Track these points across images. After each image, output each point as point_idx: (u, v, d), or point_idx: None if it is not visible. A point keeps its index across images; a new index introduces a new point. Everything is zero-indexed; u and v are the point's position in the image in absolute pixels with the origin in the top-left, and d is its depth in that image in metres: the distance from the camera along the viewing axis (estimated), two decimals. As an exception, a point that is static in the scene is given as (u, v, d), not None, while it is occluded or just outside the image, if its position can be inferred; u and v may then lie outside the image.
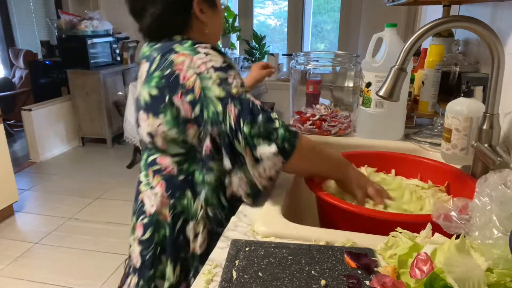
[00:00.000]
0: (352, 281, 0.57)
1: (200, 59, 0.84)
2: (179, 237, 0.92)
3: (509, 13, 1.08)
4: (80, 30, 3.90)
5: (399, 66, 0.79)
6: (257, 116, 0.80)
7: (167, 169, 0.92)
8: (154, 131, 0.89)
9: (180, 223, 0.92)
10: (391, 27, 1.13)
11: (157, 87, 0.86)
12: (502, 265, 0.51)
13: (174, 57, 0.85)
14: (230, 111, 0.80)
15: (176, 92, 0.83)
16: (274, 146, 0.78)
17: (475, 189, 0.61)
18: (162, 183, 0.92)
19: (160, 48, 0.90)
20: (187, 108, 0.83)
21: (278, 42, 4.54)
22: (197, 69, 0.83)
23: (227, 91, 0.82)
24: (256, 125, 0.79)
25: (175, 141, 0.88)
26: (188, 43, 0.88)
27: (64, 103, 4.04)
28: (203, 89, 0.82)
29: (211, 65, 0.84)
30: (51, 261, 2.32)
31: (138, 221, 0.96)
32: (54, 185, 3.33)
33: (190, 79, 0.83)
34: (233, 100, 0.81)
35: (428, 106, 1.32)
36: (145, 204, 0.95)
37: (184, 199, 0.91)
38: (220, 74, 0.83)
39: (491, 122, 0.84)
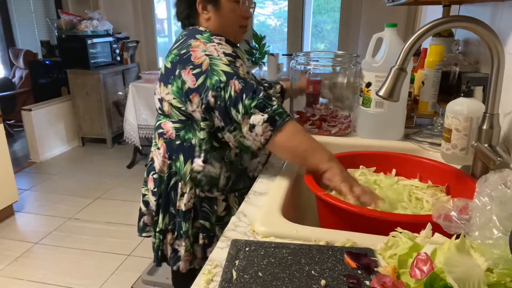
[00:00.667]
0: (352, 281, 0.57)
1: (213, 45, 1.02)
2: (170, 193, 1.13)
3: (509, 13, 1.08)
4: (80, 30, 3.90)
5: (399, 66, 0.79)
6: (259, 93, 0.95)
7: (168, 133, 1.10)
8: (163, 97, 1.08)
9: (173, 182, 1.12)
10: (391, 27, 1.13)
11: (172, 61, 1.05)
12: (502, 265, 0.51)
13: (192, 41, 1.04)
14: (233, 84, 0.95)
15: (185, 68, 1.00)
16: (266, 115, 0.93)
17: (475, 189, 0.61)
18: (164, 145, 1.11)
19: (187, 34, 1.09)
20: (192, 79, 0.99)
21: (278, 42, 4.53)
22: (208, 52, 1.00)
23: (235, 70, 0.97)
24: (256, 99, 0.94)
25: (178, 109, 1.05)
26: (207, 33, 1.07)
27: (64, 103, 4.04)
28: (211, 64, 0.98)
29: (222, 51, 1.01)
30: (51, 261, 2.32)
31: (149, 176, 1.18)
32: (54, 185, 3.32)
33: (200, 58, 0.99)
34: (238, 78, 0.96)
35: (428, 106, 1.32)
36: (154, 162, 1.16)
37: (177, 161, 1.10)
38: (229, 58, 1.00)
39: (491, 122, 0.84)
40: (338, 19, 3.92)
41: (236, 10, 1.10)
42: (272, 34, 4.56)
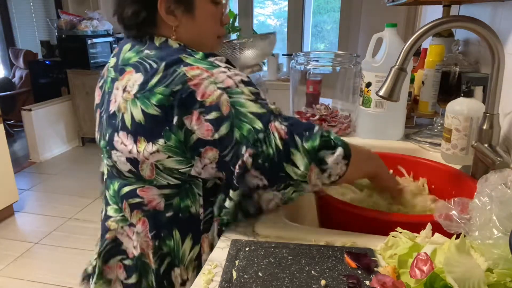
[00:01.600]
0: (352, 281, 0.57)
1: (223, 72, 0.71)
2: (163, 283, 0.80)
3: (509, 13, 1.08)
4: (80, 30, 3.90)
5: (399, 66, 0.79)
6: (313, 127, 0.70)
7: (152, 203, 0.77)
8: (143, 158, 0.73)
9: (164, 267, 0.80)
10: (391, 27, 1.13)
11: (161, 105, 0.69)
12: (502, 265, 0.51)
13: (185, 69, 0.70)
14: (275, 128, 0.68)
15: (189, 112, 0.68)
16: (340, 149, 0.69)
17: (474, 190, 0.61)
18: (145, 221, 0.78)
19: (158, 55, 0.74)
20: (207, 128, 0.68)
21: (278, 42, 4.53)
22: (221, 83, 0.69)
23: (266, 108, 0.70)
24: (317, 135, 0.68)
25: (170, 170, 0.74)
26: (199, 54, 0.74)
27: (64, 103, 4.04)
28: (234, 104, 0.68)
29: (240, 79, 0.71)
30: (51, 261, 2.32)
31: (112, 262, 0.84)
32: (54, 185, 3.33)
33: (212, 95, 0.68)
34: (276, 117, 0.69)
35: (428, 106, 1.32)
36: (123, 243, 0.83)
37: (170, 239, 0.78)
38: (252, 89, 0.71)
39: (491, 122, 0.84)
40: (338, 19, 3.93)
41: (216, 15, 0.81)
42: (272, 34, 4.55)
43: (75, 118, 4.10)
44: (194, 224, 0.78)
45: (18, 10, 5.05)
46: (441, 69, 1.29)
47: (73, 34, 3.91)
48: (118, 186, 0.81)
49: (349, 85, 1.38)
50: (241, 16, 4.20)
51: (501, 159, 0.80)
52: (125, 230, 0.82)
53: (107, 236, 0.84)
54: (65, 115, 4.05)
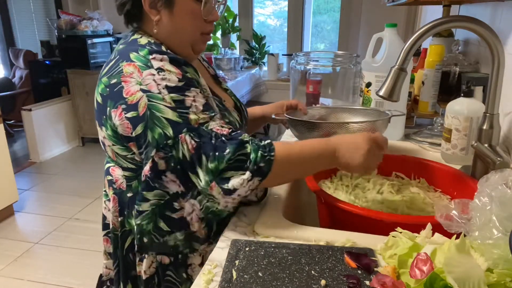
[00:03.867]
0: (352, 281, 0.57)
1: (151, 75, 0.73)
2: (128, 256, 0.87)
3: (509, 13, 1.08)
4: (80, 30, 3.90)
5: (399, 66, 0.79)
6: (224, 149, 0.70)
7: (118, 182, 0.84)
8: (102, 141, 0.82)
9: (128, 242, 0.86)
10: (391, 27, 1.13)
11: (102, 94, 0.78)
12: (502, 265, 0.51)
13: (124, 66, 0.76)
14: (185, 141, 0.71)
15: (116, 106, 0.74)
16: (248, 173, 0.70)
17: (475, 190, 0.61)
18: (115, 198, 0.85)
19: (120, 51, 0.81)
20: (126, 125, 0.74)
21: (278, 42, 4.53)
22: (145, 86, 0.72)
23: (184, 118, 0.71)
24: (225, 160, 0.69)
25: (123, 156, 0.80)
26: (144, 50, 0.76)
27: (64, 103, 4.04)
28: (150, 108, 0.72)
29: (165, 84, 0.73)
30: (51, 261, 2.32)
31: (102, 235, 0.91)
32: (54, 185, 3.33)
33: (134, 94, 0.73)
34: (190, 130, 0.71)
35: (428, 106, 1.32)
36: (107, 217, 0.89)
37: (131, 218, 0.83)
38: (175, 96, 0.72)
39: (491, 122, 0.84)
40: (338, 19, 3.93)
41: (196, 11, 0.80)
42: (272, 34, 4.56)
43: (75, 118, 4.10)
44: None
45: (18, 10, 5.05)
46: (441, 69, 1.30)
47: (73, 34, 3.90)
48: (105, 162, 0.89)
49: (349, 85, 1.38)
50: (241, 16, 4.20)
51: (501, 159, 0.80)
52: (106, 204, 0.89)
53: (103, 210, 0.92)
54: (65, 115, 4.05)
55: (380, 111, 1.02)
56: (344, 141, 0.78)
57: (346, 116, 1.10)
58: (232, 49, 4.02)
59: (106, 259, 0.93)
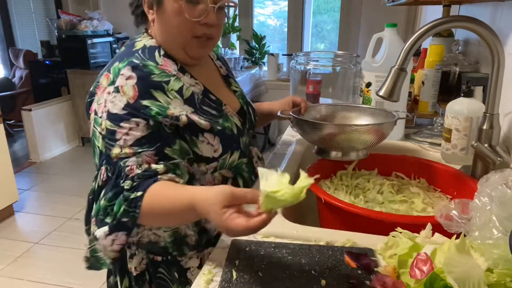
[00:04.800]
0: (352, 281, 0.57)
1: (107, 93, 0.75)
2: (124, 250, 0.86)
3: (509, 13, 1.08)
4: (80, 30, 3.90)
5: (399, 66, 0.79)
6: (108, 192, 0.71)
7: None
8: None
9: None
10: (391, 27, 1.13)
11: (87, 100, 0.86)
12: (502, 265, 0.51)
13: (104, 75, 0.79)
14: (101, 172, 0.74)
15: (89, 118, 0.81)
16: (107, 228, 0.70)
17: (475, 190, 0.61)
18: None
19: (118, 53, 0.84)
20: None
21: (278, 42, 4.53)
22: (97, 105, 0.76)
23: (108, 149, 0.73)
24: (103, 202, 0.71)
25: None
26: (124, 62, 0.77)
27: (64, 103, 4.04)
28: (93, 132, 0.76)
29: (107, 109, 0.73)
30: (51, 261, 2.32)
31: None
32: (54, 185, 3.32)
33: (92, 112, 0.78)
34: (108, 163, 0.73)
35: (428, 106, 1.32)
36: None
37: None
38: (110, 125, 0.73)
39: (491, 122, 0.84)
40: (338, 19, 3.93)
41: (182, 13, 0.76)
42: (272, 34, 4.56)
43: (75, 118, 4.10)
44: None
45: (18, 10, 5.05)
46: (441, 69, 1.29)
47: (73, 34, 3.90)
48: None
49: (349, 85, 1.38)
50: (241, 16, 4.20)
51: (501, 159, 0.80)
52: None
53: None
54: (65, 115, 4.05)
55: (387, 111, 1.01)
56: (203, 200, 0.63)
57: (352, 115, 1.08)
58: (232, 49, 4.02)
59: None
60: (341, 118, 1.10)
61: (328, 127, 0.93)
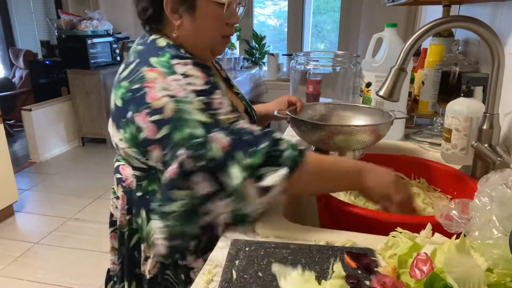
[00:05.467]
0: (352, 281, 0.57)
1: (176, 80, 0.73)
2: (133, 254, 0.87)
3: (509, 13, 1.08)
4: (80, 30, 3.90)
5: (399, 66, 0.79)
6: (259, 144, 0.70)
7: (127, 181, 0.85)
8: (116, 142, 0.81)
9: (134, 241, 0.87)
10: (391, 27, 1.13)
11: (122, 98, 0.77)
12: (502, 265, 0.51)
13: (145, 71, 0.75)
14: (215, 140, 0.70)
15: (139, 111, 0.73)
16: (285, 169, 0.69)
17: (475, 190, 0.61)
18: (123, 196, 0.86)
19: (139, 53, 0.81)
20: (151, 128, 0.73)
21: (278, 42, 4.53)
22: (171, 91, 0.72)
23: (214, 118, 0.72)
24: (261, 154, 0.69)
25: (136, 158, 0.80)
26: (165, 56, 0.76)
27: (64, 103, 4.04)
28: (178, 112, 0.71)
29: (191, 88, 0.73)
30: (51, 261, 2.32)
31: (109, 231, 0.92)
32: (54, 185, 3.32)
33: (160, 100, 0.72)
34: (221, 130, 0.71)
35: (428, 106, 1.32)
36: (114, 214, 0.91)
37: (138, 217, 0.84)
38: (204, 99, 0.73)
39: (491, 122, 0.84)
40: (338, 19, 3.93)
41: (218, 16, 0.81)
42: (272, 34, 4.56)
43: (75, 118, 4.10)
44: None
45: (18, 10, 5.05)
46: (441, 69, 1.29)
47: (73, 34, 3.90)
48: (115, 160, 0.90)
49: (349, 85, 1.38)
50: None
51: (501, 159, 0.80)
52: (114, 202, 0.90)
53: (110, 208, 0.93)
54: (65, 115, 4.05)
55: (384, 111, 1.01)
56: (374, 167, 0.78)
57: (349, 114, 1.09)
58: (232, 49, 4.02)
59: (113, 255, 0.93)
60: (337, 117, 1.10)
61: (325, 127, 0.94)
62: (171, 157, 0.72)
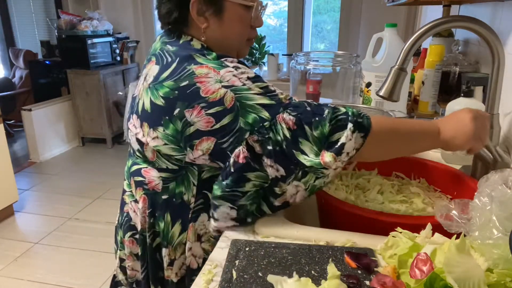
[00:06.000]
0: (352, 281, 0.57)
1: (230, 72, 0.74)
2: (156, 257, 0.87)
3: (509, 13, 1.08)
4: (80, 30, 3.90)
5: (399, 66, 0.79)
6: (322, 112, 0.70)
7: (151, 184, 0.83)
8: (146, 141, 0.80)
9: (155, 244, 0.87)
10: (391, 27, 1.13)
11: (166, 97, 0.75)
12: (502, 265, 0.51)
13: (194, 68, 0.74)
14: (283, 119, 0.70)
15: (192, 106, 0.72)
16: (350, 124, 0.69)
17: (474, 190, 0.61)
18: (145, 198, 0.85)
19: (176, 52, 0.79)
20: (207, 120, 0.72)
21: (278, 42, 4.53)
22: (227, 82, 0.72)
23: (275, 99, 0.73)
24: (326, 121, 0.69)
25: (169, 157, 0.79)
26: (212, 55, 0.77)
27: (64, 103, 4.04)
28: (239, 99, 0.72)
29: (246, 76, 0.74)
30: (51, 261, 2.32)
31: (127, 236, 0.90)
32: (54, 185, 3.33)
33: (216, 92, 0.72)
34: (286, 108, 0.72)
35: (428, 106, 1.32)
36: (132, 219, 0.90)
37: (162, 221, 0.84)
38: (260, 84, 0.74)
39: (491, 122, 0.84)
40: (338, 19, 3.93)
41: (245, 19, 0.83)
42: (272, 34, 4.56)
43: (75, 118, 4.10)
44: (185, 211, 0.82)
45: (18, 10, 5.05)
46: (441, 69, 1.30)
47: (73, 34, 3.90)
48: (130, 164, 0.89)
49: (349, 85, 1.38)
50: (241, 16, 4.19)
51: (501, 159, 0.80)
52: (132, 205, 0.89)
53: (125, 209, 0.91)
54: (65, 115, 4.05)
55: (384, 111, 1.01)
56: (447, 120, 0.78)
57: None
58: (232, 49, 4.02)
59: (131, 260, 0.91)
60: None
61: None
62: (234, 141, 0.72)
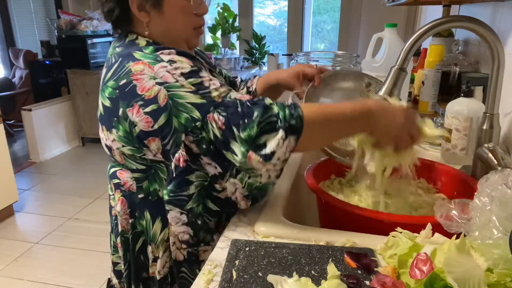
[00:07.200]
0: (352, 281, 0.57)
1: (163, 67, 0.73)
2: (139, 258, 0.87)
3: (509, 13, 1.08)
4: (80, 30, 3.90)
5: (399, 66, 0.79)
6: (252, 114, 0.69)
7: (127, 185, 0.84)
8: (110, 144, 0.81)
9: (140, 244, 0.87)
10: (391, 27, 1.13)
11: (110, 98, 0.76)
12: (502, 265, 0.51)
13: (131, 65, 0.75)
14: (213, 119, 0.71)
15: (131, 105, 0.73)
16: (281, 132, 0.68)
17: (474, 190, 0.61)
18: (123, 200, 0.85)
19: (120, 53, 0.79)
20: (147, 120, 0.73)
21: (278, 42, 4.54)
22: (160, 79, 0.72)
23: (207, 97, 0.72)
24: (255, 124, 0.68)
25: (133, 157, 0.80)
26: (149, 48, 0.76)
27: (64, 103, 4.04)
28: (172, 97, 0.71)
29: (180, 72, 0.73)
30: (51, 261, 2.32)
31: (118, 240, 0.90)
32: (54, 185, 3.33)
33: (151, 89, 0.72)
34: (216, 107, 0.71)
35: (428, 106, 1.32)
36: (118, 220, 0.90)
37: (143, 219, 0.84)
38: (193, 80, 0.73)
39: (491, 122, 0.84)
40: (338, 19, 3.93)
41: (186, 8, 0.81)
42: (272, 34, 4.56)
43: (75, 118, 4.10)
44: (163, 207, 0.81)
45: (18, 10, 5.05)
46: (441, 69, 1.30)
47: (73, 34, 3.91)
48: (109, 167, 0.89)
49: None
50: (241, 16, 4.20)
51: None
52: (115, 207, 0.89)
53: (113, 213, 0.91)
54: (65, 115, 4.05)
55: None
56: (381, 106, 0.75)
57: None
58: (232, 49, 4.03)
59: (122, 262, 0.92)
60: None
61: None
62: (174, 143, 0.74)
